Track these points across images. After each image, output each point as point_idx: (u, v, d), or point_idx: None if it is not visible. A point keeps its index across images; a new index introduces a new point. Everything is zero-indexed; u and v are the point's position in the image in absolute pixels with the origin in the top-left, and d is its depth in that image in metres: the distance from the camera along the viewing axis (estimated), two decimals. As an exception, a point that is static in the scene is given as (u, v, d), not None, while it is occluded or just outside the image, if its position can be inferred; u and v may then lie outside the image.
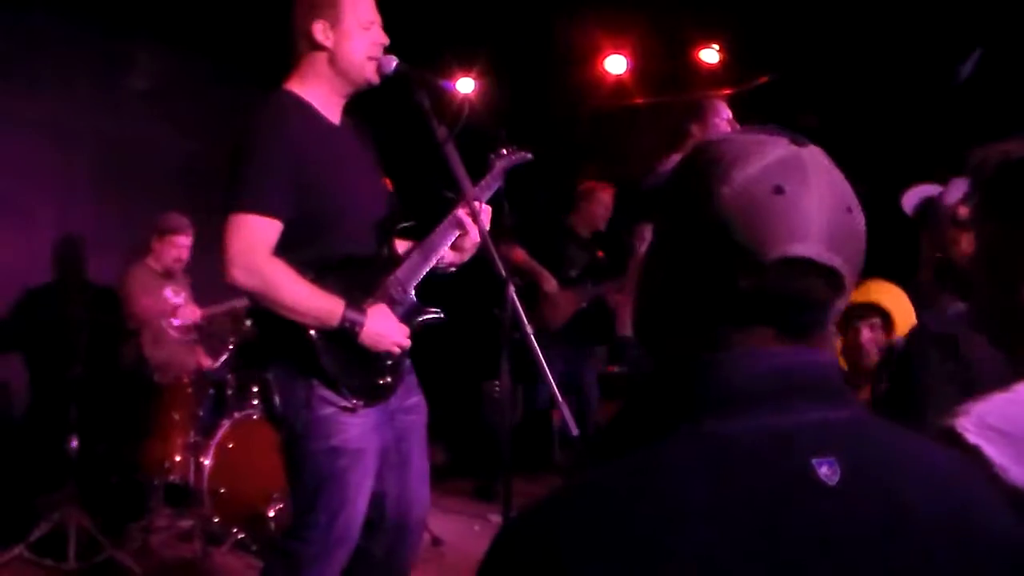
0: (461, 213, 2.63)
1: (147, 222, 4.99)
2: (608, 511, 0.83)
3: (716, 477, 0.84)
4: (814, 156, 0.94)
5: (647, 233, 4.08)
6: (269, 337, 2.55)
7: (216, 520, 4.31)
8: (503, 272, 2.44)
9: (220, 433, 4.43)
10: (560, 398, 2.30)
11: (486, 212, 2.67)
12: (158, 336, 4.76)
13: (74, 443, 4.19)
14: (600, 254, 5.86)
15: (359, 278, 2.58)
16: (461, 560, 4.36)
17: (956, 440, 1.13)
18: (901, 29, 5.28)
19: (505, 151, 2.80)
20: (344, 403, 2.50)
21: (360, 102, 2.69)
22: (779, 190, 0.90)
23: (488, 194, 2.72)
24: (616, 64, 6.48)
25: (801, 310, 0.92)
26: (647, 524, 0.81)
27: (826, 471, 0.86)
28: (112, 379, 4.75)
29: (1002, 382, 1.19)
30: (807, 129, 0.96)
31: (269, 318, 2.49)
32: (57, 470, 4.32)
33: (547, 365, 2.28)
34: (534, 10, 5.76)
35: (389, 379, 2.63)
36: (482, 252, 2.57)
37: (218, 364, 4.72)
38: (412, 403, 2.75)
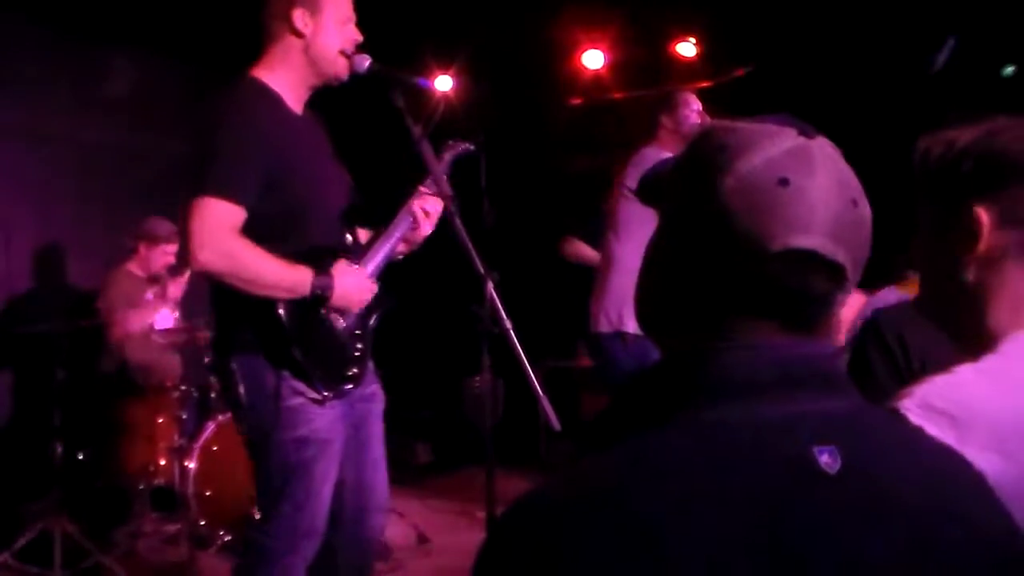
0: (415, 205, 2.68)
1: (127, 227, 4.97)
2: (606, 499, 0.82)
3: (716, 465, 0.84)
4: (822, 148, 0.93)
5: (620, 227, 4.06)
6: (236, 326, 2.54)
7: (202, 523, 4.31)
8: (481, 268, 2.45)
9: (204, 436, 4.42)
10: (540, 392, 2.30)
11: (435, 204, 2.71)
12: (140, 341, 4.74)
13: (58, 449, 4.18)
14: None
15: (326, 267, 2.57)
16: (448, 557, 4.36)
17: None
18: (875, 19, 5.31)
19: (451, 142, 2.82)
20: (313, 394, 2.51)
21: (336, 100, 2.70)
22: (784, 181, 0.89)
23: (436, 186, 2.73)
24: (593, 59, 6.49)
25: (803, 302, 0.91)
26: (646, 512, 0.80)
27: (827, 459, 0.85)
28: (95, 384, 4.74)
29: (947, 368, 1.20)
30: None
31: (236, 308, 2.48)
32: (41, 477, 4.31)
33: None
34: (511, 6, 5.77)
35: (356, 370, 2.64)
36: (461, 248, 2.57)
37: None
38: (371, 391, 2.76)
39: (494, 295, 2.43)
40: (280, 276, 2.46)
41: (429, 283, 5.50)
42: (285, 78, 2.60)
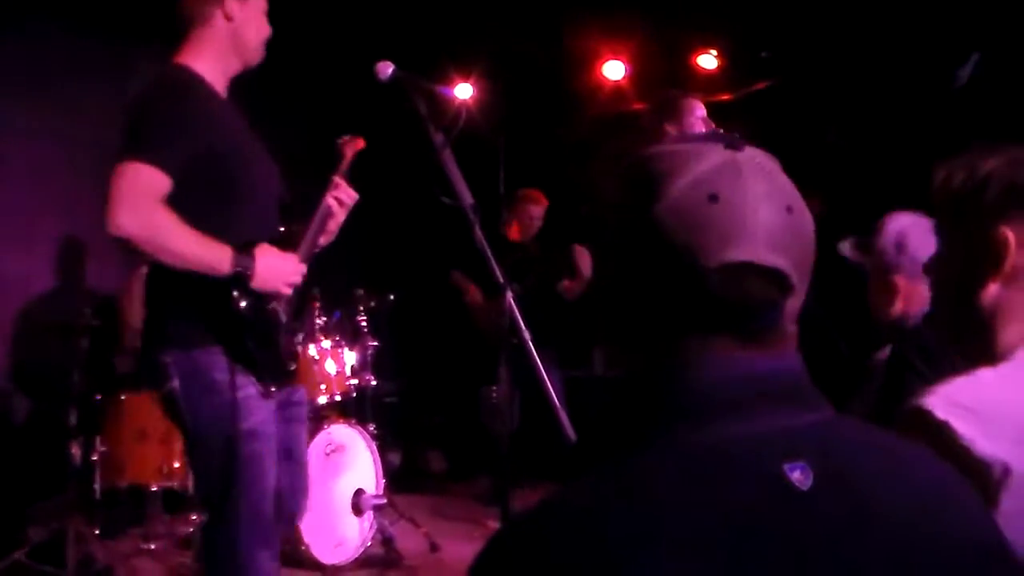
0: (330, 197, 2.74)
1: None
2: (582, 528, 0.82)
3: (690, 488, 0.84)
4: (750, 159, 0.94)
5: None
6: (173, 319, 2.51)
7: (215, 526, 4.30)
8: (501, 278, 2.44)
9: (219, 439, 4.42)
10: (558, 404, 2.30)
11: (350, 194, 2.78)
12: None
13: (74, 449, 4.19)
14: (536, 253, 5.81)
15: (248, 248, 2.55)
16: (459, 566, 4.34)
17: (923, 418, 1.18)
18: (899, 33, 5.29)
19: (347, 137, 2.90)
20: (260, 387, 2.52)
21: (358, 107, 2.70)
22: (713, 198, 0.90)
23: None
24: (614, 70, 6.50)
25: (751, 314, 0.92)
26: (622, 541, 0.80)
27: (798, 476, 0.85)
28: (112, 385, 4.75)
29: None
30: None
31: (183, 299, 2.47)
32: (57, 476, 4.32)
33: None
34: (532, 16, 5.77)
35: (294, 366, 2.70)
36: (480, 256, 2.56)
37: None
38: (299, 395, 2.79)
39: (512, 304, 2.42)
40: (199, 250, 2.43)
41: (448, 292, 5.51)
42: (211, 63, 2.65)
